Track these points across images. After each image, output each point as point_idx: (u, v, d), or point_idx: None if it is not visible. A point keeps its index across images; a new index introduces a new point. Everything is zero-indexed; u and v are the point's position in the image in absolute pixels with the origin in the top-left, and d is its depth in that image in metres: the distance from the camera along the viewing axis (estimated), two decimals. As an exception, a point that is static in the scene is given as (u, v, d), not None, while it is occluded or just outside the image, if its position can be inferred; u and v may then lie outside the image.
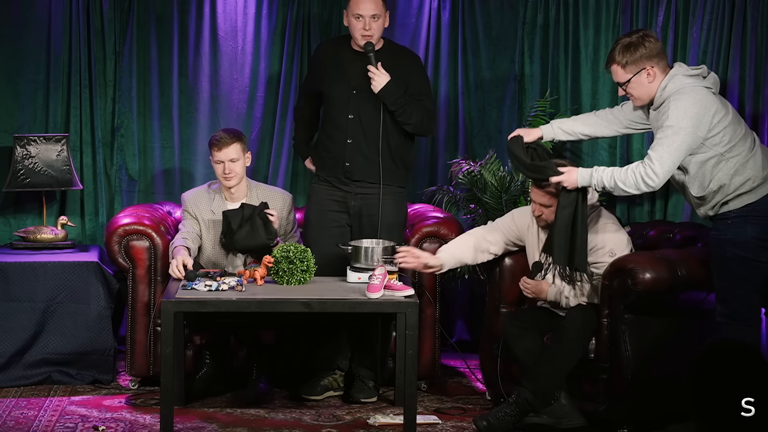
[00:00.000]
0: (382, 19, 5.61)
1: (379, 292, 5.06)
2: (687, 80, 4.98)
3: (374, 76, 5.56)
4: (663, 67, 5.03)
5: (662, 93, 5.00)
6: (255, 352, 5.76)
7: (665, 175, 4.94)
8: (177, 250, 5.44)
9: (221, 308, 5.04)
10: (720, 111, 4.96)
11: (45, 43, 6.43)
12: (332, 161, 5.70)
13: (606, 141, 6.58)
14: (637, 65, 5.01)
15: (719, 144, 4.95)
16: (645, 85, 5.03)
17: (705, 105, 4.93)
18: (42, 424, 5.27)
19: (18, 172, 6.21)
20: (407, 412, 5.02)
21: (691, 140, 4.92)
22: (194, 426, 5.28)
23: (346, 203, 5.71)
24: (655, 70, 5.00)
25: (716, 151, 4.96)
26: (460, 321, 6.76)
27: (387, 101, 5.57)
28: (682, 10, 6.46)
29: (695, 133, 4.91)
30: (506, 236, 5.48)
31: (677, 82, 4.99)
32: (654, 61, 5.00)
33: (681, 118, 4.90)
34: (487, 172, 6.35)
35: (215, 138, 5.72)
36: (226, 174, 5.67)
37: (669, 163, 4.92)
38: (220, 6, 6.53)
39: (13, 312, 5.81)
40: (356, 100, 5.64)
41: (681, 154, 4.93)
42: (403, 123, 5.62)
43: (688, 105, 4.91)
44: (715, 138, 4.95)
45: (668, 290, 5.09)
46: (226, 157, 5.66)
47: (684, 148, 4.92)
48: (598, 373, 5.21)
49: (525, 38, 6.66)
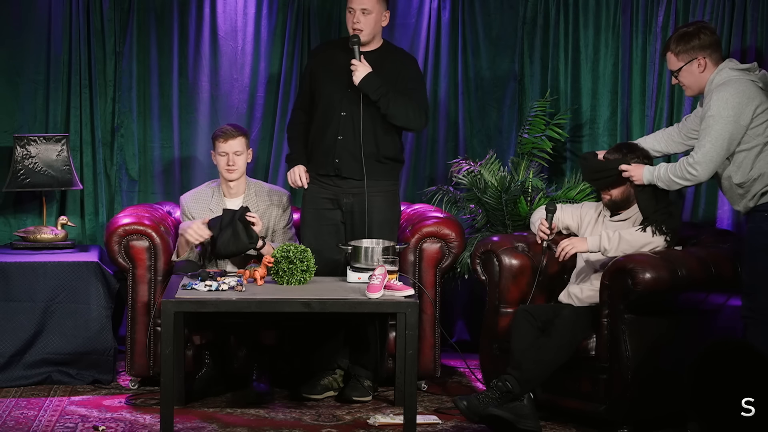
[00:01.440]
0: (374, 15, 5.60)
1: (379, 292, 5.07)
2: (733, 73, 5.08)
3: (355, 68, 5.56)
4: (715, 59, 5.14)
5: (710, 86, 5.12)
6: (255, 352, 5.76)
7: (707, 164, 5.02)
8: (182, 229, 5.65)
9: (221, 308, 5.04)
10: (765, 103, 5.04)
11: (45, 43, 6.43)
12: (323, 158, 5.70)
13: (606, 140, 6.59)
14: (690, 54, 5.14)
15: (762, 134, 5.03)
16: (696, 75, 5.15)
17: (748, 95, 5.01)
18: (42, 424, 5.27)
19: (18, 172, 6.21)
20: (407, 412, 5.02)
21: (732, 129, 4.99)
22: (194, 426, 5.28)
23: (338, 201, 5.72)
24: (706, 60, 5.13)
25: (758, 141, 5.03)
26: (460, 321, 6.76)
27: (367, 91, 5.56)
28: (682, 10, 6.46)
29: (737, 122, 5.00)
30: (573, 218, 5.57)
31: (724, 75, 5.09)
32: (707, 53, 5.12)
33: (723, 108, 5.00)
34: (487, 172, 6.35)
35: (221, 130, 5.82)
36: (230, 166, 5.76)
37: (712, 152, 5.01)
38: (220, 6, 6.53)
39: (13, 312, 5.81)
40: (350, 99, 5.64)
41: (723, 143, 5.00)
42: (388, 116, 5.60)
43: (730, 95, 5.01)
44: (758, 128, 5.02)
45: (668, 290, 5.09)
46: (230, 149, 5.76)
47: (725, 136, 4.99)
48: (598, 373, 5.21)
49: (525, 38, 6.66)
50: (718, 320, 5.38)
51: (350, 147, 5.64)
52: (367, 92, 5.57)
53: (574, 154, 6.67)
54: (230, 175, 5.78)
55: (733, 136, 5.01)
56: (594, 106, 6.63)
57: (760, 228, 5.03)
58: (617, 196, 5.40)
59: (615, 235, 5.22)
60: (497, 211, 6.30)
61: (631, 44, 6.56)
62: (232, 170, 5.77)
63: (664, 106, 6.50)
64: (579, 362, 5.22)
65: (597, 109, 6.63)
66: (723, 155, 5.03)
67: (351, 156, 5.64)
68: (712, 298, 5.29)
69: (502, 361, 5.40)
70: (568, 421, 5.39)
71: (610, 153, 5.44)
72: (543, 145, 6.46)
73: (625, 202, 5.40)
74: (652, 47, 6.52)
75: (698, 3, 6.42)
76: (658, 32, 6.48)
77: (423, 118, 5.68)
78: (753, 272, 5.03)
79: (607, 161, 5.36)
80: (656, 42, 6.50)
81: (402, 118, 5.63)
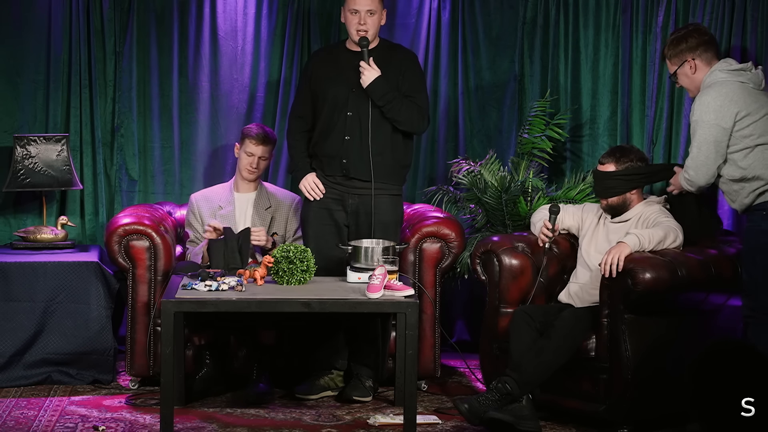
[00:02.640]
0: (377, 16, 5.61)
1: (379, 292, 5.07)
2: (721, 75, 5.09)
3: (364, 71, 5.57)
4: (707, 59, 5.16)
5: (702, 86, 5.14)
6: (255, 352, 5.76)
7: (698, 169, 5.05)
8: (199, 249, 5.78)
9: (221, 308, 5.04)
10: (749, 106, 5.02)
11: (45, 43, 6.43)
12: (329, 159, 5.70)
13: (606, 140, 6.59)
14: (680, 58, 5.18)
15: (750, 137, 5.02)
16: (690, 77, 5.19)
17: (730, 98, 5.01)
18: (42, 424, 5.27)
19: (18, 172, 6.21)
20: (407, 412, 5.02)
21: (716, 132, 5.00)
22: (194, 426, 5.28)
23: (343, 201, 5.71)
24: (696, 62, 5.15)
25: (746, 143, 5.02)
26: (460, 321, 6.76)
27: (374, 96, 5.57)
28: (682, 10, 6.46)
29: (719, 125, 5.00)
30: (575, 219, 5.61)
31: (713, 76, 5.11)
32: (696, 53, 5.15)
33: (704, 112, 5.01)
34: (487, 172, 6.35)
35: (256, 132, 5.93)
36: (252, 168, 5.93)
37: (700, 156, 5.03)
38: (220, 6, 6.53)
39: (13, 312, 5.81)
40: (355, 99, 5.64)
41: (710, 147, 5.01)
42: (391, 119, 5.62)
43: (711, 98, 5.02)
44: (744, 131, 5.02)
45: (668, 290, 5.09)
46: (259, 152, 5.94)
47: (710, 140, 5.00)
48: (598, 373, 5.21)
49: (525, 38, 6.66)
50: (718, 320, 5.38)
51: (357, 147, 5.64)
52: (374, 97, 5.57)
53: (574, 154, 6.67)
54: (250, 176, 5.96)
55: (718, 140, 5.00)
56: (594, 106, 6.63)
57: (759, 227, 5.02)
58: (614, 201, 5.43)
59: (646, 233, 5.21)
60: (497, 211, 6.30)
61: (631, 44, 6.56)
62: (252, 172, 5.96)
63: (664, 106, 6.51)
64: (579, 362, 5.22)
65: (597, 109, 6.63)
66: (713, 158, 5.03)
67: (358, 156, 5.64)
68: (712, 298, 5.29)
69: (502, 361, 5.40)
70: (568, 421, 5.39)
71: (604, 157, 5.45)
72: (543, 145, 6.46)
73: (623, 206, 5.42)
74: (652, 47, 6.52)
75: (698, 3, 6.42)
76: (658, 32, 6.48)
77: (425, 121, 5.71)
78: (753, 272, 5.03)
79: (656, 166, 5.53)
80: (656, 42, 6.50)
81: (406, 123, 5.65)
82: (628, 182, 5.39)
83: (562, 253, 5.65)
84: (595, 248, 5.46)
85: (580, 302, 5.40)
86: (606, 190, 5.43)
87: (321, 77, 5.72)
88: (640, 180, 5.43)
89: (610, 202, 5.44)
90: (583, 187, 6.33)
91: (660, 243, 5.20)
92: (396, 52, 5.75)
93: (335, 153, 5.67)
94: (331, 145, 5.68)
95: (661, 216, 5.35)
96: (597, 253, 5.40)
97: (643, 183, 5.47)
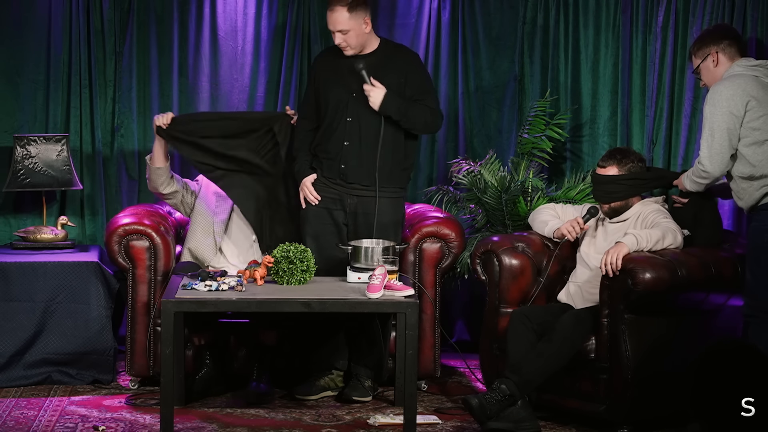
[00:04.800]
0: (353, 30, 5.55)
1: (379, 292, 5.07)
2: (738, 69, 5.13)
3: (370, 93, 5.54)
4: (731, 54, 5.18)
5: None
6: (255, 352, 5.76)
7: (712, 158, 5.05)
8: None
9: (221, 308, 5.04)
10: (762, 98, 5.05)
11: (45, 43, 6.43)
12: (329, 162, 5.70)
13: (606, 140, 6.59)
14: (704, 51, 5.20)
15: (759, 130, 5.04)
16: (711, 70, 5.20)
17: (742, 88, 5.04)
18: (42, 424, 5.27)
19: (18, 172, 6.21)
20: (407, 412, 5.03)
21: (729, 120, 5.02)
22: (194, 426, 5.28)
23: (342, 201, 5.71)
24: (719, 56, 5.18)
25: (755, 137, 5.03)
26: (460, 321, 6.76)
27: (390, 113, 5.55)
28: (682, 10, 6.46)
29: (731, 113, 5.02)
30: None
31: (730, 71, 5.14)
32: (719, 47, 5.18)
33: (717, 100, 5.03)
34: (487, 172, 6.35)
35: None
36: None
37: (714, 145, 5.04)
38: (220, 6, 6.53)
39: (13, 312, 5.81)
40: (355, 104, 5.63)
41: (723, 134, 5.02)
42: (409, 129, 5.63)
43: (724, 87, 5.05)
44: (754, 123, 5.03)
45: (668, 290, 5.09)
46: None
47: (723, 127, 5.02)
48: (598, 373, 5.21)
49: (525, 38, 6.66)
50: (718, 320, 5.38)
51: (357, 153, 5.63)
52: (390, 114, 5.55)
53: (574, 154, 6.67)
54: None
55: (731, 128, 5.02)
56: (594, 106, 6.63)
57: (765, 226, 5.02)
58: (617, 205, 5.44)
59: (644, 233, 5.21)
60: (497, 211, 6.31)
61: (631, 44, 6.56)
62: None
63: (664, 106, 6.51)
64: (579, 362, 5.22)
65: (597, 109, 6.63)
66: (726, 147, 5.03)
67: (357, 162, 5.64)
68: (712, 298, 5.29)
69: (502, 361, 5.41)
70: (568, 422, 5.39)
71: (604, 160, 5.44)
72: (543, 145, 6.46)
73: (624, 208, 5.42)
74: (652, 47, 6.52)
75: (698, 3, 6.42)
76: (658, 32, 6.49)
77: (439, 119, 5.71)
78: (756, 271, 5.02)
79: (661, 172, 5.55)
80: (656, 42, 6.50)
81: (423, 128, 5.68)
82: (631, 188, 5.38)
83: (562, 253, 5.65)
84: (594, 248, 5.46)
85: (579, 302, 5.40)
86: (607, 195, 5.41)
87: (323, 80, 5.71)
88: (644, 185, 5.42)
89: (613, 206, 5.44)
90: (583, 187, 6.33)
91: (658, 243, 5.20)
92: (398, 52, 5.74)
93: (334, 157, 5.67)
94: (331, 148, 5.68)
95: (660, 216, 5.35)
96: (596, 253, 5.41)
97: (646, 189, 5.47)
